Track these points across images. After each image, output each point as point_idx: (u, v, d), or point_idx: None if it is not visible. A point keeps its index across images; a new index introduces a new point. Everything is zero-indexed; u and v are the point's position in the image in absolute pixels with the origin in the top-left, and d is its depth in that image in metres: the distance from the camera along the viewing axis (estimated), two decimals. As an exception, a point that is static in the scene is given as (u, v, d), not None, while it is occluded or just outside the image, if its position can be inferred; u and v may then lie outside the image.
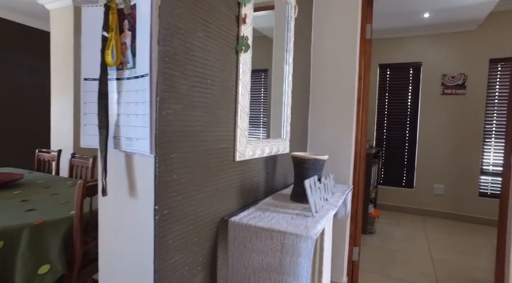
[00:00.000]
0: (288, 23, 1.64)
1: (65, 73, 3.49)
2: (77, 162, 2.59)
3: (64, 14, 3.47)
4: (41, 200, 1.82)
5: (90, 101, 0.87)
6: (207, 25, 1.00)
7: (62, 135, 3.55)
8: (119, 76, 0.85)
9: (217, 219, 1.12)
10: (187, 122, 0.93)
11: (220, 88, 1.09)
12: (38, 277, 1.41)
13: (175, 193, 0.89)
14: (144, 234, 0.84)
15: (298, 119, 1.95)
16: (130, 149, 0.83)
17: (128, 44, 0.82)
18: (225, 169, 1.15)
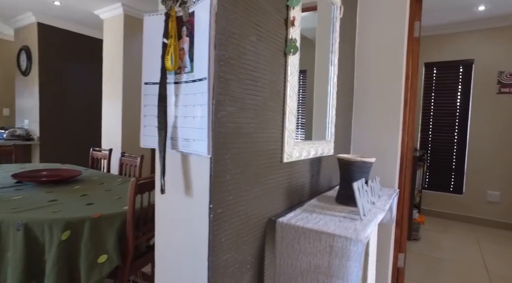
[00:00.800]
0: (334, 24, 1.62)
1: (115, 78, 3.73)
2: (126, 161, 2.75)
3: (116, 23, 3.71)
4: (97, 195, 1.96)
5: (150, 104, 0.93)
6: (258, 29, 1.02)
7: (112, 135, 3.79)
8: (177, 80, 0.89)
9: (265, 219, 1.14)
10: (240, 124, 0.96)
11: (269, 90, 1.10)
12: (98, 265, 1.52)
13: (228, 192, 0.92)
14: (199, 232, 0.88)
15: (342, 121, 1.92)
16: (187, 149, 0.87)
17: (186, 49, 0.87)
18: (273, 170, 1.17)
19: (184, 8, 0.87)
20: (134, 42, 3.75)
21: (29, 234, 1.50)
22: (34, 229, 1.50)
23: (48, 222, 1.50)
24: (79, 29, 4.52)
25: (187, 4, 0.86)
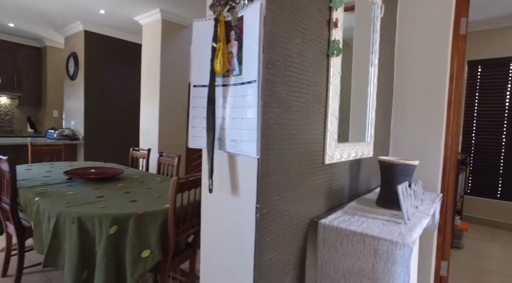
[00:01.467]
0: (374, 24, 1.59)
1: (153, 81, 3.89)
2: (164, 160, 2.86)
3: (154, 28, 3.87)
4: (139, 192, 2.06)
5: (198, 106, 0.97)
6: (303, 32, 1.03)
7: (149, 136, 3.96)
8: (225, 82, 0.92)
9: (307, 220, 1.14)
10: (285, 125, 0.97)
11: (312, 92, 1.11)
12: (142, 259, 1.60)
13: (273, 193, 0.94)
14: (246, 231, 0.90)
15: (380, 122, 1.87)
16: (235, 150, 0.90)
17: (235, 53, 0.90)
18: (315, 171, 1.17)
19: (232, 13, 0.90)
20: (171, 46, 3.89)
21: (82, 227, 1.61)
22: (86, 222, 1.61)
23: (98, 217, 1.60)
24: (120, 35, 4.76)
25: (235, 9, 0.89)
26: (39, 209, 1.81)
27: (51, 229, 1.67)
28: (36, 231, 1.82)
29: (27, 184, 2.16)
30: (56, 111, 5.74)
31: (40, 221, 1.80)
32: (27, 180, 2.29)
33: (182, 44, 4.04)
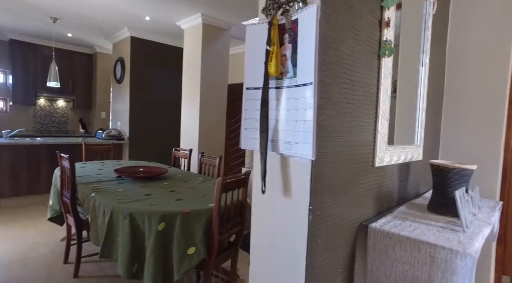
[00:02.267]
0: (426, 21, 1.52)
1: (194, 83, 4.02)
2: (206, 160, 2.94)
3: (195, 32, 4.00)
4: (184, 191, 2.14)
5: (251, 108, 0.99)
6: (355, 33, 1.01)
7: (190, 136, 4.09)
8: (278, 85, 0.94)
9: (356, 223, 1.12)
10: (337, 127, 0.96)
11: (364, 94, 1.09)
12: (188, 256, 1.66)
13: (325, 195, 0.93)
14: (298, 232, 0.90)
15: (430, 125, 1.78)
16: (288, 152, 0.90)
17: (288, 55, 0.91)
18: (365, 174, 1.14)
19: (287, 16, 0.91)
20: (210, 49, 4.00)
21: (133, 223, 1.71)
22: (137, 218, 1.71)
23: (148, 213, 1.69)
24: (162, 40, 4.98)
25: (290, 12, 0.90)
26: (95, 204, 1.95)
27: (106, 223, 1.79)
28: (93, 224, 1.96)
29: (83, 180, 2.33)
30: (104, 112, 6.13)
31: (96, 215, 1.94)
32: (83, 176, 2.47)
33: (221, 46, 4.14)
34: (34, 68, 5.46)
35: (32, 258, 2.58)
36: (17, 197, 3.99)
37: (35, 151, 4.08)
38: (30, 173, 4.06)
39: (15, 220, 3.46)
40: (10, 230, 3.16)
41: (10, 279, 2.27)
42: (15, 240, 2.91)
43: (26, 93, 5.41)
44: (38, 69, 5.49)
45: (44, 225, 3.29)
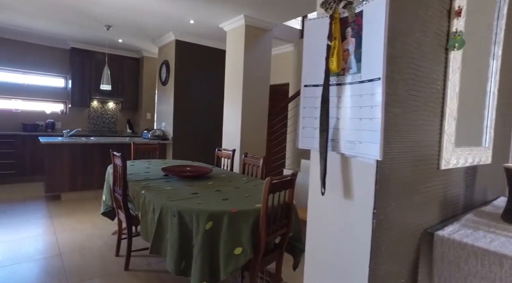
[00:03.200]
0: (500, 9, 1.37)
1: (236, 84, 4.06)
2: (249, 161, 2.95)
3: (237, 33, 4.04)
4: (229, 191, 2.15)
5: (309, 106, 0.95)
6: (422, 24, 0.94)
7: (231, 136, 4.14)
8: (339, 81, 0.89)
9: (420, 230, 1.03)
10: (402, 126, 0.89)
11: (429, 90, 1.00)
12: (234, 256, 1.66)
13: (390, 198, 0.87)
14: (361, 238, 0.85)
15: (500, 125, 1.62)
16: (351, 152, 0.85)
17: (351, 50, 0.86)
18: (430, 177, 1.06)
19: (350, 9, 0.86)
20: (253, 50, 4.01)
21: (182, 221, 1.74)
22: (185, 216, 1.74)
23: (196, 212, 1.71)
24: (205, 42, 5.10)
25: (353, 5, 0.85)
26: (145, 201, 2.03)
27: (156, 220, 1.85)
28: (143, 220, 2.04)
29: (133, 178, 2.44)
30: (149, 114, 6.42)
31: (146, 212, 2.01)
32: (132, 174, 2.59)
33: (264, 47, 4.14)
34: (89, 73, 5.88)
35: (89, 248, 2.76)
36: (75, 192, 4.31)
37: (89, 149, 4.37)
38: (85, 170, 4.36)
39: (74, 212, 3.73)
40: (70, 222, 3.41)
41: (71, 266, 2.44)
42: (75, 231, 3.13)
43: (82, 96, 5.84)
44: (93, 74, 5.89)
45: (98, 218, 3.51)
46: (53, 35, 5.30)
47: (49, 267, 2.42)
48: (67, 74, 5.94)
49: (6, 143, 5.01)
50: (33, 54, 5.61)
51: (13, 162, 5.07)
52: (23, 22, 4.62)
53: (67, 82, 5.99)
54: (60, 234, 3.06)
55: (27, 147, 5.18)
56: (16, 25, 4.81)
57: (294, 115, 4.73)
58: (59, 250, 2.70)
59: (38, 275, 2.30)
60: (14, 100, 5.56)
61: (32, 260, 2.51)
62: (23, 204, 3.98)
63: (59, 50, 5.83)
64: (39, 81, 5.78)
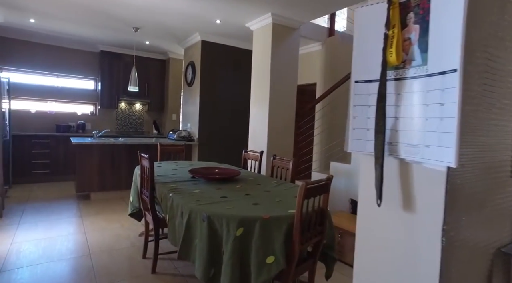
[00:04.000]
0: None
1: (263, 84, 3.97)
2: (278, 163, 2.84)
3: (264, 32, 3.96)
4: (259, 195, 2.06)
5: (361, 104, 0.84)
6: (501, 6, 0.80)
7: (258, 138, 4.05)
8: (398, 76, 0.77)
9: (492, 249, 0.89)
10: (475, 127, 0.76)
11: (505, 84, 0.86)
12: (266, 265, 1.56)
13: (461, 212, 0.74)
14: (426, 257, 0.72)
15: None
16: (414, 157, 0.73)
17: (414, 39, 0.73)
18: (502, 187, 0.91)
19: (413, -9, 0.74)
20: (280, 49, 3.91)
21: (211, 226, 1.67)
22: (215, 221, 1.66)
23: (226, 218, 1.63)
24: (231, 43, 5.06)
25: (417, -14, 0.73)
26: (173, 204, 1.97)
27: (184, 224, 1.79)
28: (171, 223, 1.98)
29: (161, 180, 2.40)
30: (175, 115, 6.47)
31: (174, 215, 1.96)
32: (160, 176, 2.56)
33: (291, 46, 4.02)
34: (117, 75, 6.01)
35: (117, 249, 2.76)
36: (103, 192, 4.39)
37: (117, 150, 4.44)
38: (113, 170, 4.43)
39: (102, 212, 3.79)
40: (99, 221, 3.45)
41: (100, 266, 2.44)
42: (103, 231, 3.16)
43: (110, 97, 5.97)
44: (121, 76, 6.02)
45: (125, 219, 3.53)
46: (84, 39, 5.46)
47: (79, 266, 2.43)
48: (96, 76, 6.10)
49: (41, 143, 5.20)
50: (66, 58, 5.80)
51: (47, 161, 5.26)
52: (58, 27, 4.78)
53: (96, 85, 6.16)
54: (89, 233, 3.09)
55: (60, 147, 5.36)
56: (51, 31, 4.98)
57: (322, 116, 4.57)
58: (88, 250, 2.72)
59: (70, 274, 2.32)
60: (49, 102, 5.78)
61: (64, 259, 2.54)
62: (56, 203, 4.10)
63: (89, 54, 6.00)
64: (71, 84, 5.97)
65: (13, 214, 3.57)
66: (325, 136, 4.59)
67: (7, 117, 4.49)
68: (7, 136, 4.50)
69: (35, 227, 3.20)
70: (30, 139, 5.12)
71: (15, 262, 2.45)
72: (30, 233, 3.04)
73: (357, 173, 3.28)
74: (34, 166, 5.16)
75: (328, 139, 4.55)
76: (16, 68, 5.41)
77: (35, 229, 3.14)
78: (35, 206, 3.90)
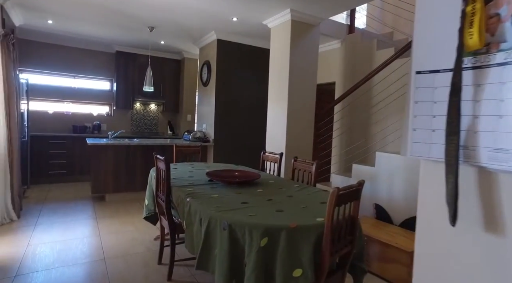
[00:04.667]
0: None
1: (281, 83, 3.83)
2: (300, 166, 2.69)
3: (283, 30, 3.81)
4: (282, 201, 1.92)
5: (424, 100, 0.69)
6: None
7: (276, 139, 3.91)
8: (479, 63, 0.61)
9: None
10: None
11: None
12: (293, 279, 1.42)
13: None
14: (521, 293, 0.57)
15: None
16: (501, 165, 0.58)
17: (506, 15, 0.58)
18: None
19: (500, -45, 0.58)
20: (299, 47, 3.76)
21: (232, 235, 1.54)
22: (236, 230, 1.53)
23: (249, 226, 1.50)
24: (247, 41, 4.94)
25: None
26: (191, 209, 1.85)
27: (203, 232, 1.67)
28: (188, 230, 1.87)
29: (177, 183, 2.30)
30: (190, 115, 6.40)
31: (192, 222, 1.84)
32: (176, 178, 2.45)
33: (310, 44, 3.86)
34: (132, 75, 5.99)
35: (132, 255, 2.67)
36: (118, 193, 4.34)
37: (132, 151, 4.38)
38: (128, 171, 4.37)
39: (117, 214, 3.73)
40: (114, 224, 3.39)
41: (114, 272, 2.36)
42: (118, 235, 3.08)
43: (126, 98, 5.96)
44: (136, 77, 6.00)
45: (140, 221, 3.46)
46: (100, 40, 5.45)
47: (93, 272, 2.35)
48: (112, 77, 6.10)
49: (58, 144, 5.22)
50: (83, 59, 5.82)
51: (64, 162, 5.27)
52: (74, 28, 4.77)
53: (112, 85, 6.16)
54: (104, 236, 3.03)
55: (76, 148, 5.36)
56: (68, 32, 4.99)
57: (343, 117, 4.39)
58: (103, 255, 2.64)
59: (84, 280, 2.24)
60: (66, 103, 5.81)
61: (78, 263, 2.47)
62: (72, 204, 4.07)
63: (105, 54, 6.00)
64: (87, 85, 5.99)
65: (31, 214, 3.55)
66: (345, 138, 4.41)
67: (25, 118, 4.51)
68: (26, 137, 4.52)
69: (51, 228, 3.16)
70: (47, 140, 5.14)
71: (30, 266, 2.39)
72: (46, 235, 2.99)
73: (382, 176, 3.10)
74: (51, 167, 5.18)
75: (348, 141, 4.36)
76: (35, 69, 5.46)
77: (51, 231, 3.09)
78: (51, 207, 3.88)
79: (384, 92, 3.75)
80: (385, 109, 3.75)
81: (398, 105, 3.60)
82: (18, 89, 3.60)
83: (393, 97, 3.58)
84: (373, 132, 3.99)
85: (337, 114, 4.39)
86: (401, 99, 3.48)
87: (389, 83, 3.62)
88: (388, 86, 3.65)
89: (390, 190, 3.01)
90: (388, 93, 3.65)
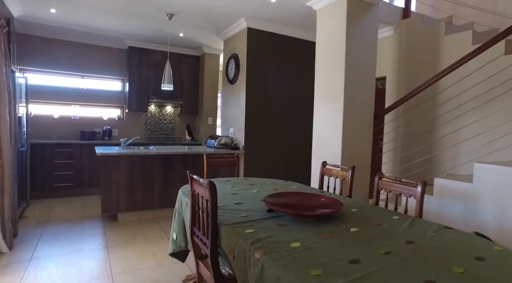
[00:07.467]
0: None
1: (332, 78, 3.08)
2: (387, 185, 1.92)
3: (334, 11, 3.07)
4: (408, 256, 1.15)
5: None
6: None
7: (326, 145, 3.15)
8: None
9: None
10: None
11: None
12: None
13: None
14: None
15: None
16: None
17: None
18: None
19: None
20: (356, 32, 3.01)
21: None
22: None
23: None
24: (285, 31, 4.20)
25: None
26: (264, 274, 1.11)
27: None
28: (260, 309, 1.12)
29: (225, 217, 1.56)
30: (211, 118, 5.69)
31: (265, 293, 1.10)
32: (220, 207, 1.71)
33: (369, 28, 3.11)
34: (147, 74, 5.32)
35: (155, 312, 1.94)
36: (133, 212, 3.64)
37: (148, 161, 3.68)
38: (144, 186, 3.67)
39: (133, 241, 3.02)
40: (130, 256, 2.67)
41: None
42: (136, 274, 2.36)
43: (139, 99, 5.29)
44: (151, 75, 5.33)
45: (162, 253, 2.74)
46: (110, 33, 4.79)
47: None
48: (124, 76, 5.45)
49: (64, 153, 4.57)
50: (91, 56, 5.18)
51: (71, 173, 4.62)
52: (81, 19, 4.12)
53: (124, 85, 5.50)
54: (118, 278, 2.31)
55: (84, 157, 4.70)
56: (74, 24, 4.34)
57: (407, 122, 3.60)
58: (117, 310, 1.92)
59: None
60: (73, 107, 5.17)
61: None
62: (78, 226, 3.38)
63: (116, 51, 5.35)
64: (96, 85, 5.35)
65: (27, 244, 2.86)
66: (408, 143, 3.61)
67: (24, 123, 3.84)
68: (24, 146, 3.85)
69: (49, 265, 2.46)
70: (51, 148, 4.49)
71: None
72: (42, 276, 2.29)
73: (485, 195, 2.30)
74: (56, 179, 4.53)
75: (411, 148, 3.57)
76: (38, 68, 4.83)
77: (49, 269, 2.39)
78: (53, 232, 3.19)
79: (477, 87, 2.93)
80: (478, 109, 2.95)
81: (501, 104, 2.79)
82: (12, 88, 2.94)
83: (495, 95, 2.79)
84: (462, 138, 3.09)
85: (392, 113, 3.60)
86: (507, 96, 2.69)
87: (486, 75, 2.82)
88: (484, 79, 2.85)
89: (501, 215, 2.22)
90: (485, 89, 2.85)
